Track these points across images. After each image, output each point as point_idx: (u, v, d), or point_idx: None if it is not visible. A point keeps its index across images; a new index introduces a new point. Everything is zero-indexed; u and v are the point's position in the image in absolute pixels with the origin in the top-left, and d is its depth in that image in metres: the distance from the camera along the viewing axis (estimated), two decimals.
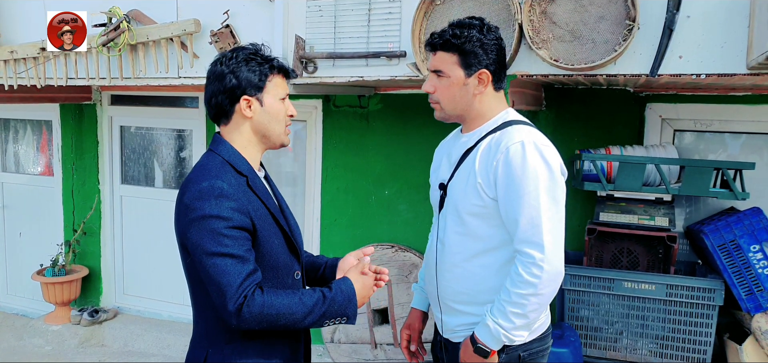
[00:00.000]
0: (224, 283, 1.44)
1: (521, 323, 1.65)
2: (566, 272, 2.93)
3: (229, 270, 1.45)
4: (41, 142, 4.99)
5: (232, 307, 1.44)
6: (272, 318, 1.48)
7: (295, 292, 1.54)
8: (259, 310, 1.45)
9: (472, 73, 1.74)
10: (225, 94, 1.57)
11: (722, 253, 2.84)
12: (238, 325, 1.46)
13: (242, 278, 1.45)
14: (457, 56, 1.73)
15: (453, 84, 1.75)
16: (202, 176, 1.52)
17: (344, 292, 1.57)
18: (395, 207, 3.90)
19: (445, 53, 1.75)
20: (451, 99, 1.77)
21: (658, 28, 2.24)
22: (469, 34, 1.72)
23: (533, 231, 1.62)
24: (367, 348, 3.65)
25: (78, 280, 4.63)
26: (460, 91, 1.75)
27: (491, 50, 1.74)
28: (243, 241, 1.49)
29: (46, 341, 4.45)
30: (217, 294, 1.46)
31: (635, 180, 2.85)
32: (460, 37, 1.72)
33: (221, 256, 1.45)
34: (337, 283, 1.60)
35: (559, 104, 3.43)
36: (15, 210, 5.09)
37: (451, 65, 1.74)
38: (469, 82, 1.74)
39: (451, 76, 1.75)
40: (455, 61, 1.74)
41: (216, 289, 1.45)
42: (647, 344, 2.94)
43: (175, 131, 4.61)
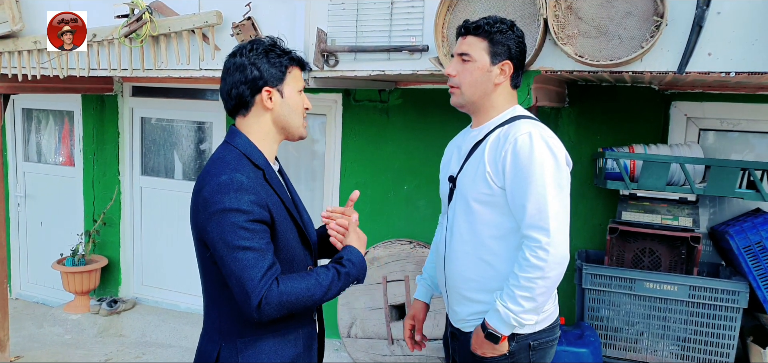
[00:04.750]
0: (245, 278, 1.44)
1: (530, 306, 1.70)
2: (586, 272, 2.93)
3: (249, 264, 1.45)
4: (63, 133, 5.05)
5: (254, 302, 1.44)
6: (292, 304, 1.50)
7: (310, 273, 1.56)
8: (277, 300, 1.46)
9: (497, 62, 1.83)
10: (246, 85, 1.57)
11: (748, 254, 2.79)
12: (259, 318, 1.46)
13: (263, 272, 1.46)
14: (487, 43, 1.82)
15: (478, 68, 1.83)
16: (220, 169, 1.51)
17: (355, 264, 1.63)
18: (414, 202, 3.89)
19: (475, 38, 1.84)
20: (472, 83, 1.84)
21: (687, 25, 2.20)
22: (501, 27, 1.83)
23: (540, 216, 1.68)
24: (383, 343, 3.64)
25: (97, 270, 4.69)
26: (483, 77, 1.83)
27: (517, 47, 1.86)
28: (263, 234, 1.49)
29: (65, 330, 4.51)
30: (238, 288, 1.46)
31: (659, 179, 2.81)
32: (492, 27, 1.82)
33: (242, 250, 1.45)
34: (347, 255, 1.65)
35: (583, 101, 3.39)
36: (36, 199, 5.17)
37: (480, 50, 1.83)
38: (492, 70, 1.83)
39: (477, 61, 1.83)
40: (484, 47, 1.82)
41: (237, 283, 1.46)
42: (668, 346, 2.90)
43: (195, 123, 4.64)
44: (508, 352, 1.79)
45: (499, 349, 1.77)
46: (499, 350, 1.78)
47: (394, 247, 3.64)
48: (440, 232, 2.04)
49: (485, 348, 1.78)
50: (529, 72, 2.46)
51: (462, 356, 1.94)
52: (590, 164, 3.40)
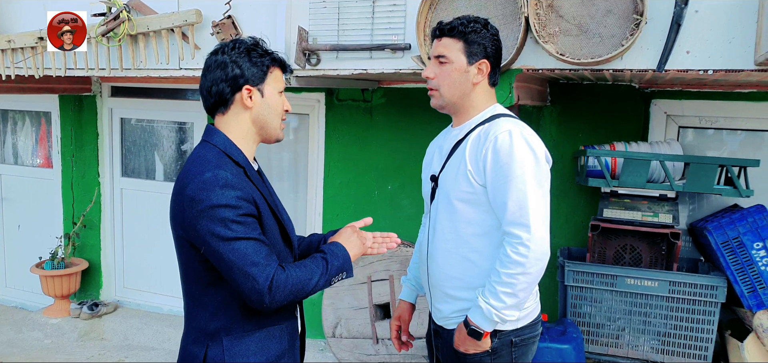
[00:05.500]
0: (249, 265, 1.44)
1: (512, 302, 1.72)
2: (569, 268, 2.95)
3: (250, 252, 1.45)
4: (40, 134, 4.96)
5: (264, 287, 1.44)
6: (296, 288, 1.51)
7: (304, 262, 1.58)
8: (284, 283, 1.48)
9: (474, 62, 1.84)
10: (227, 83, 1.57)
11: (725, 250, 2.84)
12: (269, 303, 1.47)
13: (266, 257, 1.47)
14: (463, 43, 1.84)
15: (455, 70, 1.84)
16: (202, 167, 1.50)
17: (337, 254, 1.65)
18: (398, 202, 3.88)
19: (450, 39, 1.85)
20: (451, 85, 1.86)
21: (666, 23, 2.23)
22: (475, 26, 1.85)
23: (520, 213, 1.70)
24: (368, 343, 3.64)
25: (77, 274, 4.61)
26: (461, 78, 1.85)
27: (492, 45, 1.87)
28: (254, 225, 1.50)
29: (45, 334, 4.43)
30: (243, 278, 1.45)
31: (640, 176, 2.84)
32: (467, 27, 1.84)
33: (239, 240, 1.45)
34: (329, 247, 1.67)
35: (564, 100, 3.41)
36: (14, 202, 5.07)
37: (456, 51, 1.84)
38: (470, 70, 1.85)
39: (454, 62, 1.84)
40: (460, 48, 1.84)
41: (240, 272, 1.45)
42: (649, 341, 2.93)
43: (176, 124, 4.58)
44: (490, 349, 1.81)
45: (482, 345, 1.80)
46: (482, 347, 1.80)
47: None
48: (423, 231, 2.05)
49: (468, 345, 1.80)
50: (510, 70, 2.47)
51: (445, 354, 1.96)
52: (572, 162, 3.43)
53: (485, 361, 1.83)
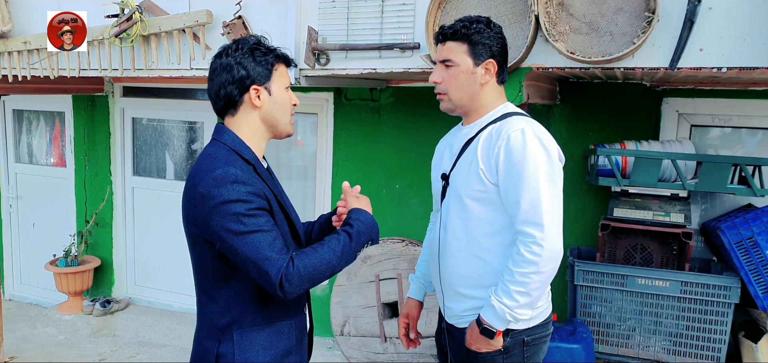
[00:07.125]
0: (262, 258, 1.46)
1: (525, 301, 1.71)
2: (579, 268, 2.93)
3: (264, 245, 1.46)
4: (54, 134, 5.02)
5: (276, 280, 1.45)
6: (312, 275, 1.51)
7: (322, 244, 1.57)
8: (298, 275, 1.48)
9: (480, 63, 1.83)
10: (234, 85, 1.58)
11: (739, 250, 2.80)
12: (283, 295, 1.47)
13: (279, 250, 1.48)
14: (467, 46, 1.82)
15: (462, 72, 1.83)
16: (213, 165, 1.51)
17: (363, 220, 1.64)
18: (406, 201, 3.88)
19: (454, 43, 1.83)
20: (458, 87, 1.84)
21: (679, 20, 2.20)
22: (478, 26, 1.82)
23: (533, 212, 1.68)
24: (376, 341, 3.64)
25: (90, 271, 4.66)
26: (468, 80, 1.83)
27: (497, 43, 1.85)
28: (267, 218, 1.51)
29: (58, 330, 4.49)
30: (257, 271, 1.47)
31: (651, 175, 2.81)
32: (469, 29, 1.82)
33: (252, 233, 1.46)
34: (355, 216, 1.66)
35: (574, 99, 3.39)
36: (28, 201, 5.14)
37: (461, 54, 1.82)
38: (476, 71, 1.83)
39: (460, 65, 1.82)
40: (465, 50, 1.82)
41: (254, 265, 1.46)
42: (660, 341, 2.91)
43: (186, 123, 4.61)
44: (502, 348, 1.80)
45: (494, 344, 1.78)
46: (494, 345, 1.79)
47: (387, 246, 3.64)
48: (433, 230, 2.04)
49: (480, 343, 1.79)
50: (520, 69, 2.46)
51: (457, 352, 1.95)
52: (582, 161, 3.40)
53: (497, 360, 1.82)
